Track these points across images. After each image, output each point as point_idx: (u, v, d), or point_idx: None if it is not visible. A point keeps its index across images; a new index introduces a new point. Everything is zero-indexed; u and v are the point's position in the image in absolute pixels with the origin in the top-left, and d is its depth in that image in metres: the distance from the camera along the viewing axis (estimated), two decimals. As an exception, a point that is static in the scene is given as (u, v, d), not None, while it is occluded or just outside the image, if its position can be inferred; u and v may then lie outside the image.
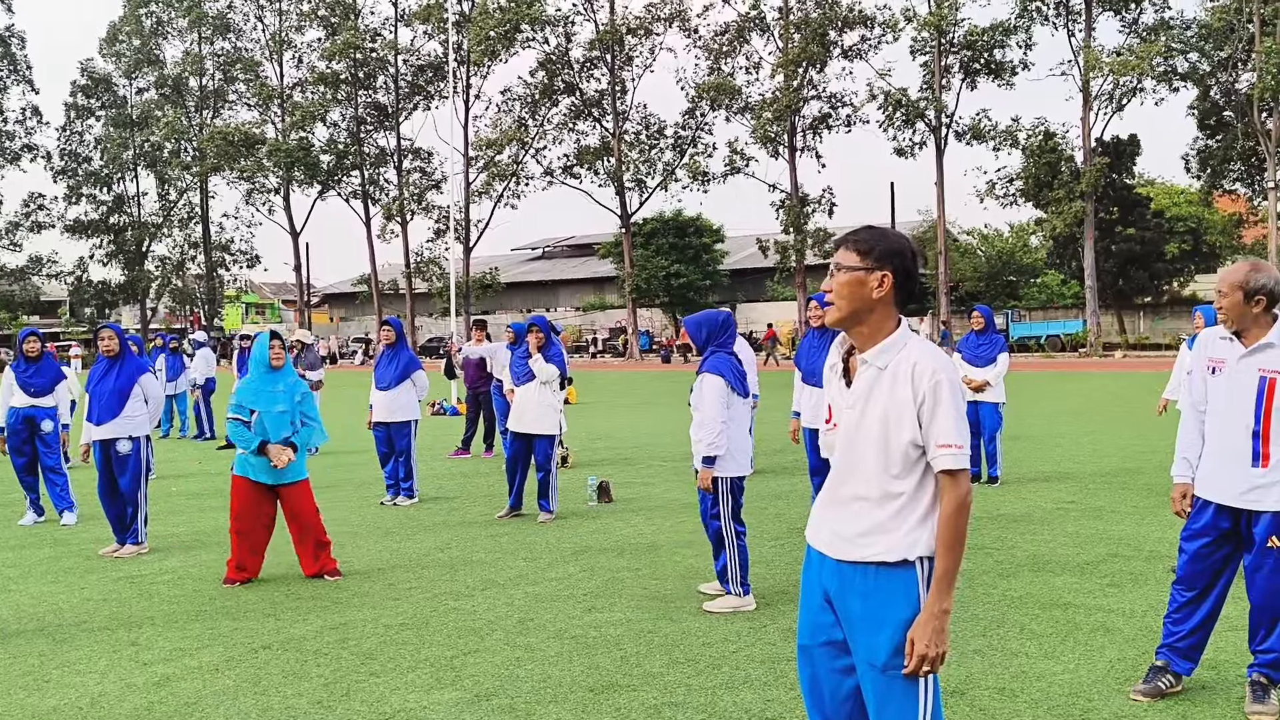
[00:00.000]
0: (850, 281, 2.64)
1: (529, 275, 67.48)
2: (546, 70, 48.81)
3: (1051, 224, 41.46)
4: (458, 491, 10.22)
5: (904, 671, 2.57)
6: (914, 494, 2.62)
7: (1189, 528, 4.23)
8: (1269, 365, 3.97)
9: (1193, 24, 39.40)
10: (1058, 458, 11.63)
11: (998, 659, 4.71)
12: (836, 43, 44.32)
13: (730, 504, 5.65)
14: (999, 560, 6.62)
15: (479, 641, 5.20)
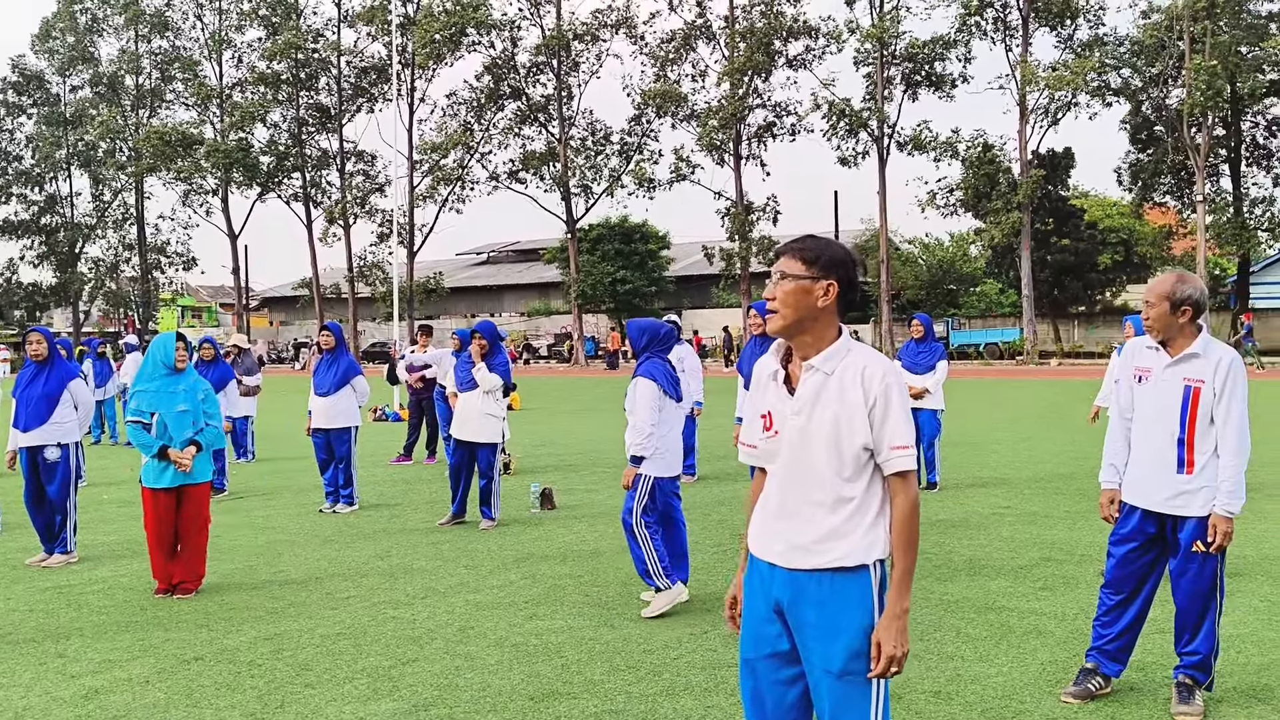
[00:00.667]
0: (796, 290, 2.65)
1: (474, 280, 67.05)
2: (492, 74, 48.59)
3: (990, 234, 42.22)
4: (399, 498, 10.11)
5: (872, 674, 2.60)
6: (864, 498, 2.65)
7: (1117, 533, 4.34)
8: (1194, 375, 4.09)
9: (1126, 41, 40.46)
10: (995, 463, 11.84)
11: (934, 662, 4.78)
12: (781, 52, 44.75)
13: (645, 498, 5.75)
14: (937, 565, 6.72)
15: (418, 650, 5.14)
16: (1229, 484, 4.05)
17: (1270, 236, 42.73)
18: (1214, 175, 41.11)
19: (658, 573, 5.70)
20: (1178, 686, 4.18)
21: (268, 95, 53.26)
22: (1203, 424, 4.09)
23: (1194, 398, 4.08)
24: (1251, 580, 6.16)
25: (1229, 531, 4.05)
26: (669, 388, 5.78)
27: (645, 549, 5.72)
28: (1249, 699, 4.26)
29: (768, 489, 2.78)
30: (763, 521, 2.78)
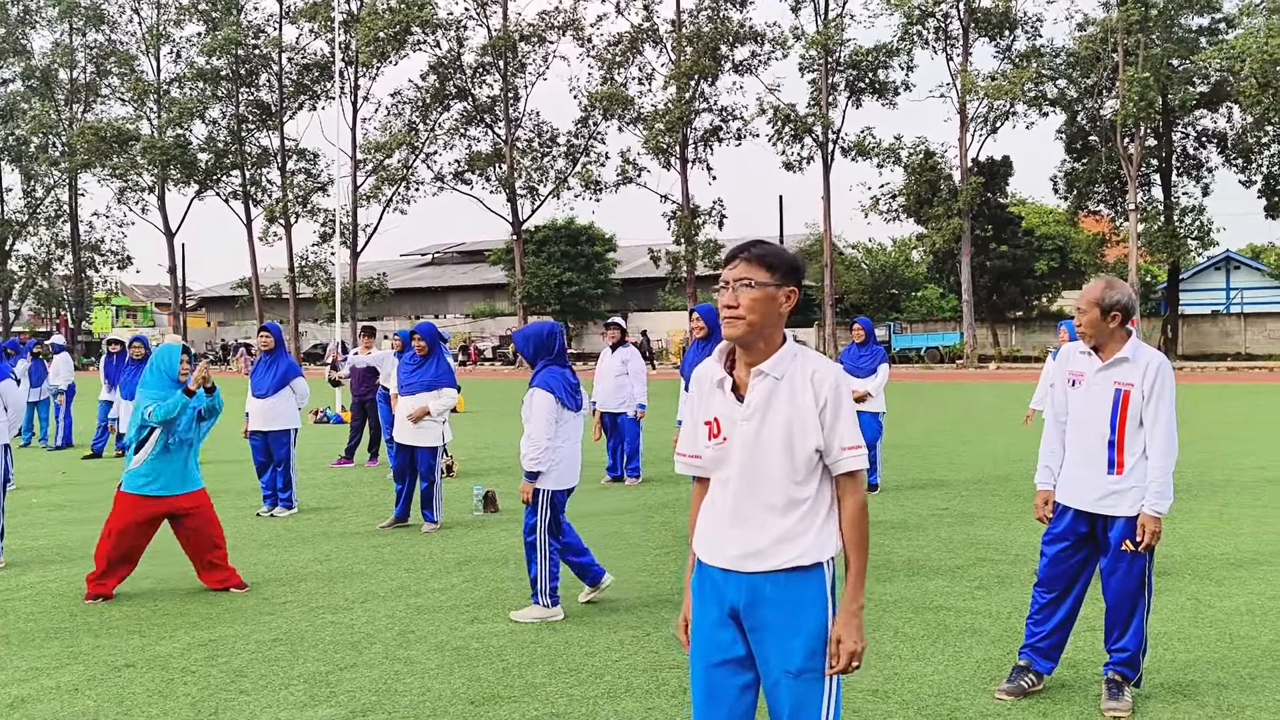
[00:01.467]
0: (762, 298, 2.67)
1: (418, 281, 66.44)
2: (438, 74, 48.22)
3: (931, 240, 42.93)
4: (339, 502, 9.98)
5: (833, 670, 2.65)
6: (816, 498, 2.70)
7: (1050, 532, 4.43)
8: (1123, 378, 4.21)
9: (1062, 52, 41.41)
10: (934, 465, 12.03)
11: (872, 661, 4.83)
12: (727, 57, 45.07)
13: (548, 516, 5.65)
14: (876, 566, 6.80)
15: (356, 655, 5.08)
16: (1157, 484, 4.17)
17: (1199, 245, 43.98)
18: (1146, 185, 42.23)
19: (544, 590, 5.62)
20: (1107, 683, 4.28)
21: (207, 91, 52.30)
22: (1132, 426, 4.21)
23: (1124, 401, 4.20)
24: (1179, 579, 6.33)
25: (1157, 531, 4.16)
26: (567, 398, 5.64)
27: (541, 568, 5.62)
28: (1175, 695, 4.37)
29: (717, 497, 2.77)
30: (713, 529, 2.77)
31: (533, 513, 5.67)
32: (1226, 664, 4.74)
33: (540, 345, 5.73)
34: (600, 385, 10.93)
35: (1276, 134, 40.58)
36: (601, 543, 7.73)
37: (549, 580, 5.64)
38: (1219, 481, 10.37)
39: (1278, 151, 41.26)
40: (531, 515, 5.68)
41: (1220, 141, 43.17)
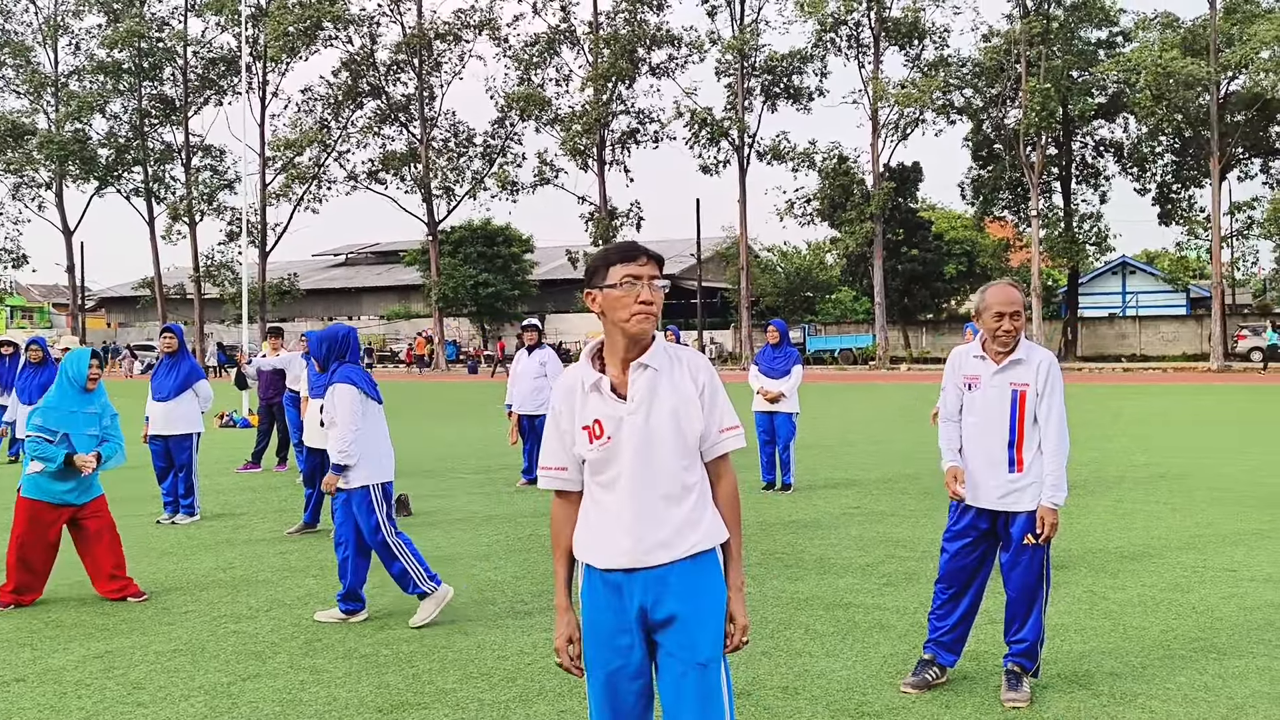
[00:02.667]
0: (660, 295, 2.75)
1: (331, 282, 65.18)
2: (350, 71, 47.38)
3: (845, 243, 43.77)
4: (245, 508, 9.71)
5: (729, 648, 2.74)
6: (701, 483, 2.76)
7: (950, 530, 4.54)
8: (1019, 379, 4.34)
9: (968, 62, 42.61)
10: (846, 465, 12.24)
11: (783, 659, 4.89)
12: (645, 60, 45.27)
13: (385, 509, 5.60)
14: (788, 565, 6.89)
15: (260, 665, 4.94)
16: (1053, 477, 4.30)
17: (1097, 250, 45.73)
18: (1047, 192, 43.72)
19: (421, 578, 5.53)
20: (1007, 674, 4.40)
21: (107, 85, 50.52)
22: (1029, 425, 4.34)
23: (1021, 401, 4.33)
24: (1075, 572, 6.55)
25: (1055, 523, 4.30)
26: (370, 389, 5.62)
27: (404, 561, 5.51)
28: (1072, 685, 4.52)
29: (606, 501, 2.74)
30: (605, 533, 2.74)
31: (370, 511, 5.56)
32: (1120, 654, 4.91)
33: (334, 347, 5.73)
34: (517, 387, 10.84)
35: (1169, 144, 42.41)
36: (518, 545, 7.68)
37: (419, 566, 5.55)
38: (1114, 478, 10.76)
39: (1171, 161, 43.11)
40: (371, 514, 5.56)
41: (1117, 151, 44.96)
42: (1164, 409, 19.96)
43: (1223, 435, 14.88)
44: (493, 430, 17.01)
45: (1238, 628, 5.29)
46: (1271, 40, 34.46)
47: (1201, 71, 35.83)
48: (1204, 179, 40.47)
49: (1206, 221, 40.82)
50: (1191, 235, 44.08)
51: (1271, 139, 41.37)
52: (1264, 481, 10.33)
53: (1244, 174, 42.97)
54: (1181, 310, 49.54)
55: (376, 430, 5.65)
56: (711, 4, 44.41)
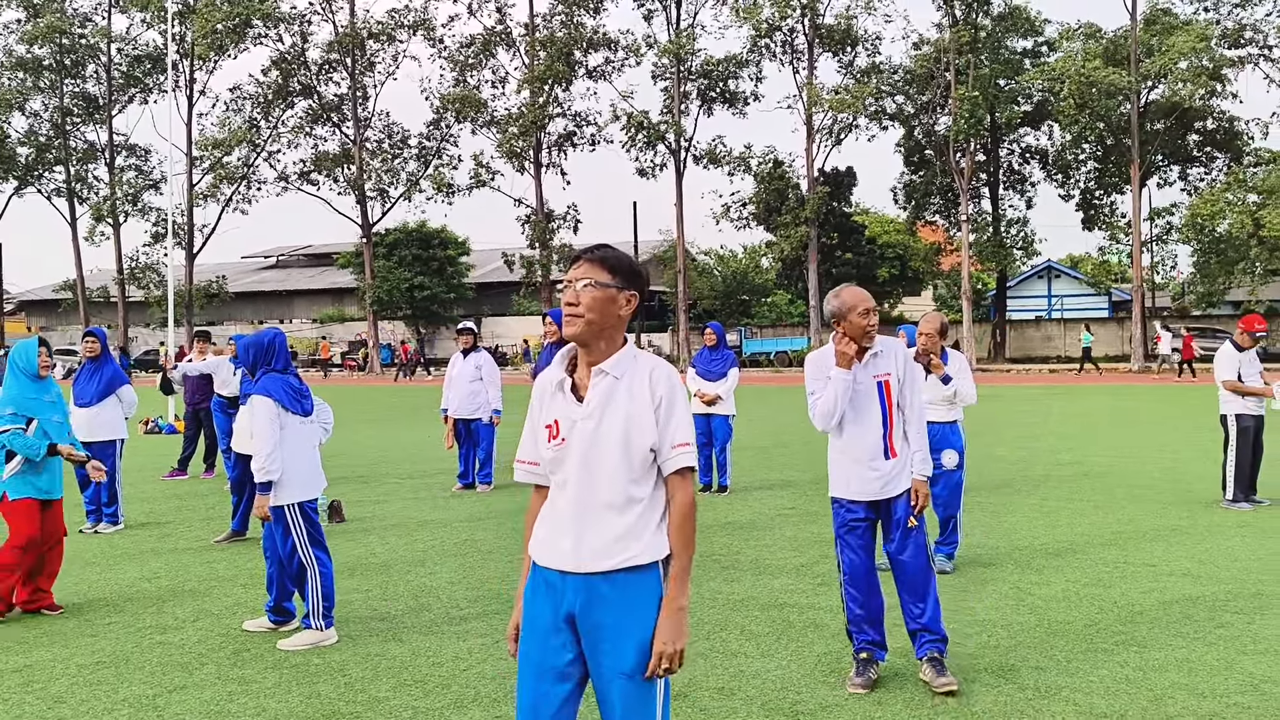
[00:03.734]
0: (602, 298, 2.70)
1: (261, 285, 63.95)
2: (281, 70, 46.54)
3: (780, 247, 44.19)
4: (171, 516, 9.48)
5: (649, 673, 2.65)
6: (651, 497, 2.73)
7: (845, 529, 4.67)
8: (881, 370, 4.61)
9: (899, 70, 43.36)
10: (782, 466, 12.36)
11: (719, 660, 4.92)
12: (581, 63, 45.23)
13: (304, 530, 5.36)
14: (724, 566, 6.94)
15: (187, 677, 4.83)
16: (921, 453, 4.62)
17: (1024, 255, 46.79)
18: (976, 197, 44.67)
19: (317, 612, 5.30)
20: (930, 662, 4.53)
21: (27, 82, 48.91)
22: (897, 412, 4.61)
23: (887, 390, 4.60)
24: (1002, 569, 6.70)
25: (927, 493, 4.61)
26: (290, 403, 5.39)
27: (314, 588, 5.31)
28: (998, 679, 4.62)
29: (556, 500, 2.78)
30: (551, 532, 2.77)
31: (285, 533, 5.36)
32: (1045, 648, 5.04)
33: (260, 354, 5.52)
34: (453, 391, 10.75)
35: (1092, 151, 43.59)
36: (453, 550, 7.62)
37: (321, 600, 5.30)
38: (1039, 477, 11.04)
39: (1093, 168, 44.33)
40: (286, 537, 5.35)
41: (1042, 157, 46.09)
42: (1088, 409, 20.52)
43: (1142, 434, 15.35)
44: (428, 434, 16.84)
45: (1157, 621, 5.47)
46: (1189, 51, 35.65)
47: (1122, 81, 36.91)
48: (1125, 185, 41.67)
49: (1127, 227, 42.04)
50: (1113, 240, 45.39)
51: (1189, 147, 42.78)
52: (1181, 479, 10.67)
53: (1163, 181, 44.38)
54: (1104, 313, 50.99)
55: (297, 445, 5.39)
56: (648, 8, 44.55)
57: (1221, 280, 39.08)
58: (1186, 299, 44.89)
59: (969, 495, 7.90)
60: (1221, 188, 38.62)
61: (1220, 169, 42.55)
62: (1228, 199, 37.30)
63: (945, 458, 6.59)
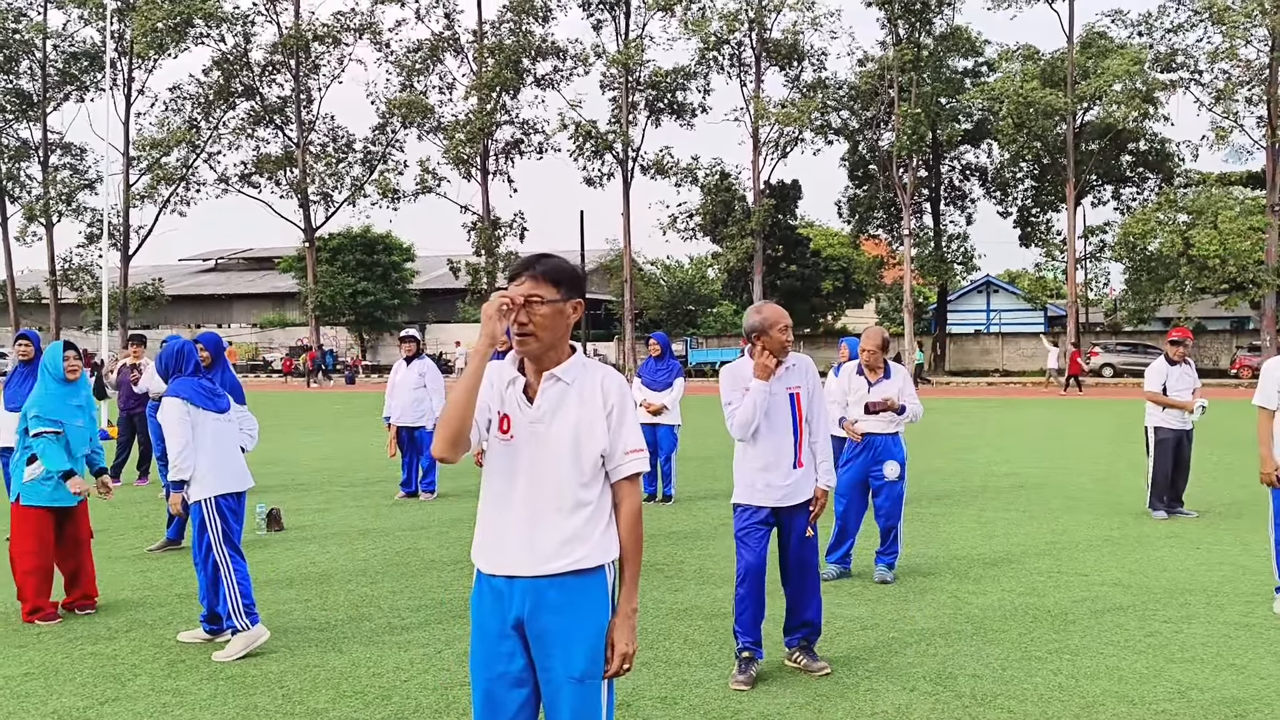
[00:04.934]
0: (552, 313, 2.72)
1: (200, 288, 62.74)
2: (223, 70, 45.79)
3: (726, 258, 44.49)
4: (104, 524, 9.23)
5: (607, 673, 2.70)
6: (599, 502, 2.76)
7: (745, 533, 4.85)
8: (793, 382, 4.82)
9: (845, 85, 43.99)
10: (726, 476, 12.37)
11: (662, 669, 4.94)
12: (530, 71, 45.15)
13: (219, 526, 5.28)
14: (669, 575, 6.97)
15: (119, 688, 4.72)
16: (826, 464, 4.89)
17: (963, 269, 47.71)
18: (918, 212, 45.44)
19: (237, 611, 5.17)
20: (803, 650, 4.88)
21: (-44, 76, 47.49)
22: (805, 423, 4.82)
23: (798, 402, 4.82)
24: (940, 579, 6.82)
25: (825, 503, 4.87)
26: (201, 400, 5.39)
27: (227, 587, 5.18)
28: (936, 686, 4.70)
29: (501, 503, 2.78)
30: (496, 538, 2.77)
31: (201, 530, 5.29)
32: (981, 656, 5.14)
33: (170, 361, 5.54)
34: (395, 399, 10.66)
35: (1029, 170, 44.61)
36: (395, 560, 7.54)
37: (240, 597, 5.19)
38: (977, 488, 11.24)
39: (1031, 186, 45.36)
40: (202, 534, 5.28)
41: (982, 175, 47.08)
42: (1024, 422, 20.95)
43: (1076, 446, 15.71)
44: (371, 441, 16.65)
45: (1089, 630, 5.60)
46: (1123, 74, 36.68)
47: (1059, 102, 37.84)
48: (1061, 204, 42.69)
49: (1062, 244, 43.07)
50: (1049, 257, 46.48)
51: (1122, 167, 43.98)
52: (1113, 490, 10.95)
53: (1097, 200, 45.59)
54: (1040, 328, 52.12)
55: (212, 441, 5.35)
56: (597, 18, 44.68)
57: (1152, 297, 40.18)
58: (1119, 315, 46.06)
59: (909, 506, 8.03)
60: (1153, 208, 39.76)
61: (1152, 189, 43.84)
62: (1158, 219, 38.40)
63: (887, 469, 6.70)
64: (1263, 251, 35.84)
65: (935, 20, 40.92)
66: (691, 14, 42.13)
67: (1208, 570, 7.05)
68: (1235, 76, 37.11)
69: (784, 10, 41.92)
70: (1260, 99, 36.98)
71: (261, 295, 60.71)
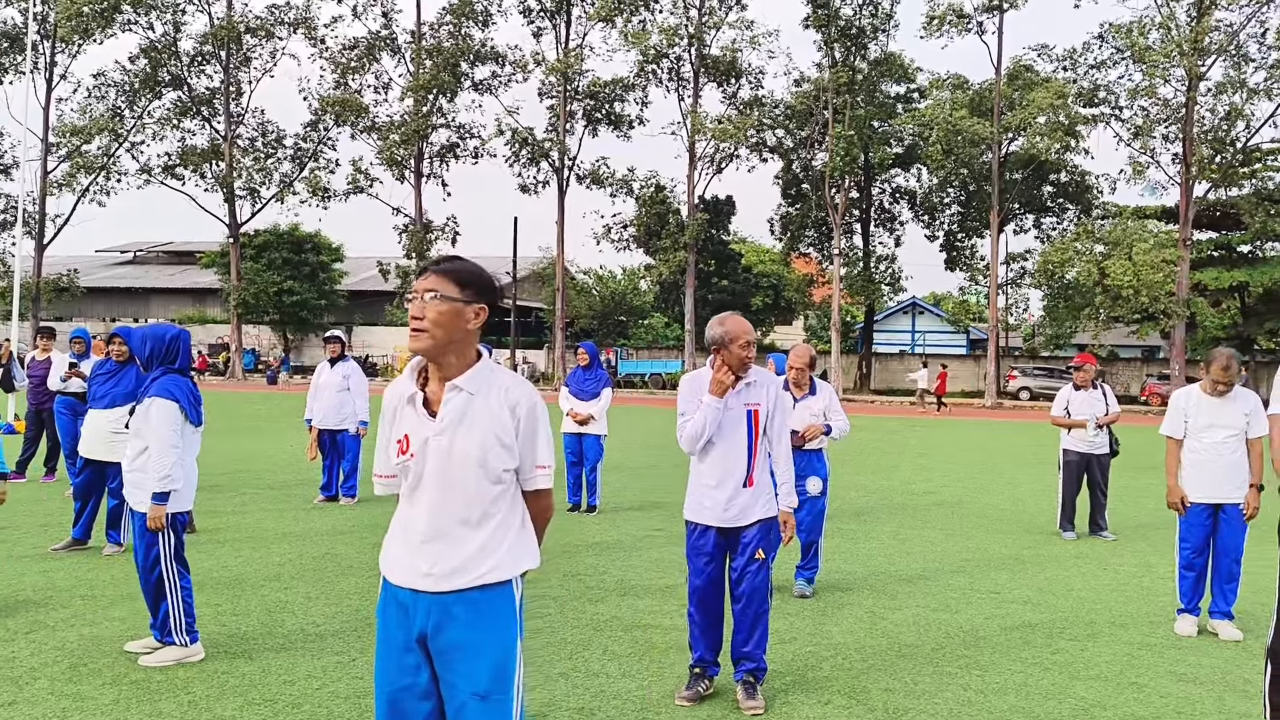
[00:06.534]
0: (449, 311, 2.65)
1: (117, 280, 60.88)
2: (150, 59, 44.58)
3: (659, 270, 44.65)
4: (6, 522, 8.90)
5: None
6: (508, 514, 2.72)
7: (695, 551, 4.77)
8: (752, 399, 4.70)
9: (781, 104, 44.58)
10: (651, 488, 12.45)
11: (580, 680, 4.92)
12: (468, 74, 44.85)
13: (172, 542, 5.08)
14: (590, 586, 6.95)
15: (17, 692, 4.54)
16: (787, 485, 4.73)
17: (891, 290, 48.64)
18: (849, 232, 46.21)
19: (180, 628, 5.04)
20: (743, 685, 4.69)
21: None
22: (762, 441, 4.71)
23: (755, 419, 4.69)
24: (858, 594, 6.92)
25: (794, 523, 4.71)
26: (191, 410, 5.10)
27: (174, 603, 5.04)
28: (850, 700, 4.76)
29: (408, 516, 2.73)
30: (403, 549, 2.72)
31: (152, 544, 5.05)
32: (895, 671, 5.22)
33: (158, 349, 5.10)
34: (318, 401, 10.47)
35: (956, 196, 45.72)
36: (311, 565, 7.40)
37: (184, 615, 5.05)
38: (896, 505, 11.45)
39: (957, 211, 46.47)
40: (152, 548, 5.06)
41: (911, 198, 48.11)
42: (944, 441, 21.40)
43: (993, 466, 16.10)
44: (291, 444, 16.32)
45: (999, 646, 5.74)
46: (1047, 107, 37.81)
47: (985, 131, 38.86)
48: (985, 230, 43.79)
49: (986, 269, 44.17)
50: (973, 281, 47.66)
51: (1043, 197, 45.31)
52: (1026, 509, 11.24)
53: (1019, 228, 46.85)
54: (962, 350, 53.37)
55: (188, 456, 5.12)
56: (537, 26, 44.60)
57: (1069, 324, 41.41)
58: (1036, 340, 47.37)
59: (831, 522, 8.13)
60: (1071, 237, 41.00)
61: (1071, 219, 45.22)
62: (1076, 248, 39.61)
63: (810, 485, 6.78)
64: (1174, 283, 37.19)
65: (870, 45, 41.73)
66: (632, 26, 42.32)
67: (1113, 591, 7.27)
68: (1153, 114, 38.52)
69: (723, 28, 42.38)
70: (1176, 136, 38.44)
71: (181, 290, 59.16)
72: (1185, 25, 36.90)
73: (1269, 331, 42.84)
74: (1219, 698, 4.94)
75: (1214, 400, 6.10)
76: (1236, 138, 38.08)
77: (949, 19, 39.33)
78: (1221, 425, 6.05)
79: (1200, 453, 6.10)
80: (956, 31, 39.83)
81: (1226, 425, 6.04)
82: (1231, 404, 6.08)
